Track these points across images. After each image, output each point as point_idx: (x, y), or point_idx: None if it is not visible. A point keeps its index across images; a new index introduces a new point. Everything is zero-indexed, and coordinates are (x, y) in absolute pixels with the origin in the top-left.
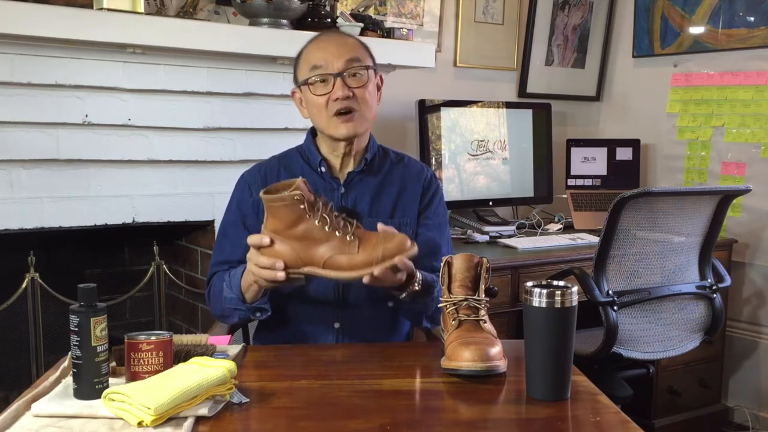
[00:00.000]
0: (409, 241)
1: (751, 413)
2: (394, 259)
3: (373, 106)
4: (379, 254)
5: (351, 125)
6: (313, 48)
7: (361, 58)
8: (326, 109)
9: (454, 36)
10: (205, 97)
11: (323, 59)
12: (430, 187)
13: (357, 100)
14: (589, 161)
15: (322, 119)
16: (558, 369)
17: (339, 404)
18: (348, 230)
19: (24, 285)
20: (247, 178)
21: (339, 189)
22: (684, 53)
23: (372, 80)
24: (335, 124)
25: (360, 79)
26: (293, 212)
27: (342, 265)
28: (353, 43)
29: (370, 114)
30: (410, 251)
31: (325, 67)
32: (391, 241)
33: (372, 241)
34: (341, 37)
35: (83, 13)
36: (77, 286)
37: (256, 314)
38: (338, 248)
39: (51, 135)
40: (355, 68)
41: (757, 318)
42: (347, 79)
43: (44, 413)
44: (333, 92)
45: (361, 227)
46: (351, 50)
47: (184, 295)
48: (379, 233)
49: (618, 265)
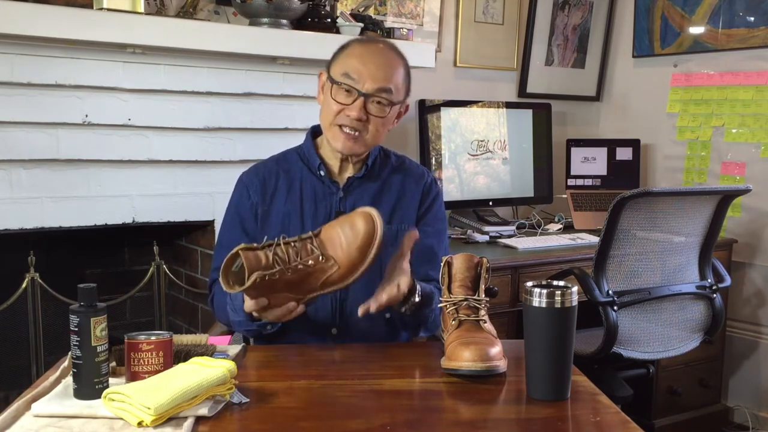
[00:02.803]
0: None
1: (751, 413)
2: (372, 249)
3: (380, 136)
4: (355, 254)
5: (350, 144)
6: (358, 54)
7: (394, 92)
8: (336, 115)
9: (454, 36)
10: (205, 97)
11: (358, 72)
12: (430, 192)
13: (367, 126)
14: (589, 161)
15: (329, 121)
16: (558, 369)
17: (339, 404)
18: (316, 251)
19: (24, 285)
20: (245, 180)
21: (338, 193)
22: (684, 53)
23: (391, 116)
24: (336, 135)
25: (381, 109)
26: (263, 286)
27: (335, 280)
28: (397, 69)
29: (373, 141)
30: (378, 228)
31: (355, 81)
32: (357, 235)
33: (340, 249)
34: (388, 58)
35: (83, 13)
36: (77, 286)
37: (267, 327)
38: (321, 272)
39: (51, 135)
40: (382, 98)
41: (757, 318)
42: (369, 105)
43: (44, 413)
44: (350, 108)
45: (319, 234)
46: (388, 78)
47: (184, 295)
48: (342, 233)
49: (618, 265)
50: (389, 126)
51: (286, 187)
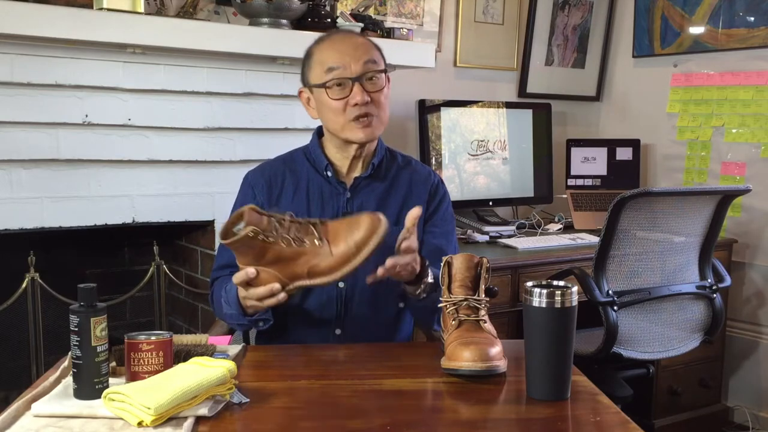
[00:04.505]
0: (377, 219)
1: (751, 413)
2: (370, 244)
3: (387, 109)
4: (352, 247)
5: (369, 130)
6: (327, 48)
7: (377, 61)
8: (344, 113)
9: (454, 36)
10: (205, 97)
11: (340, 61)
12: (437, 193)
13: (374, 105)
14: (589, 161)
15: (338, 123)
16: (558, 369)
17: (339, 404)
18: (314, 235)
19: (24, 285)
20: (251, 180)
21: (345, 194)
22: (684, 53)
23: (387, 84)
24: (353, 129)
25: (377, 83)
26: (254, 247)
27: (324, 270)
28: (368, 43)
29: (385, 117)
30: (380, 229)
31: (342, 70)
32: (359, 229)
33: (340, 236)
34: (355, 38)
35: (83, 13)
36: (77, 286)
37: (259, 324)
38: (313, 256)
39: (51, 135)
40: (373, 72)
41: (757, 318)
42: (365, 84)
43: (44, 413)
44: (351, 97)
45: (326, 224)
46: (366, 51)
47: (184, 295)
48: (347, 222)
49: (618, 265)
50: (389, 97)
51: (293, 187)
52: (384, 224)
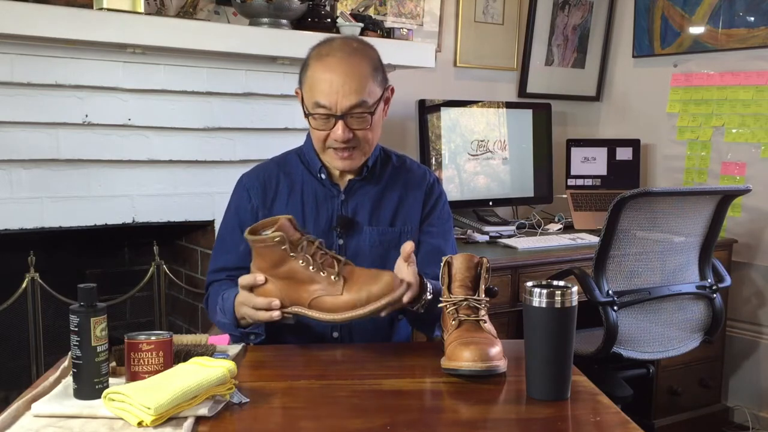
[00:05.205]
0: (398, 280)
1: (751, 413)
2: (380, 302)
3: (375, 138)
4: (363, 296)
5: (348, 162)
6: (322, 71)
7: (370, 98)
8: (323, 141)
9: (454, 36)
10: (205, 97)
11: (327, 99)
12: (433, 192)
13: (358, 140)
14: (589, 161)
15: (319, 147)
16: (558, 369)
17: (339, 404)
18: (334, 270)
19: (24, 285)
20: (246, 183)
21: (339, 196)
22: (684, 53)
23: (376, 119)
24: (332, 157)
25: (364, 121)
26: (275, 253)
27: (326, 306)
28: (363, 74)
29: (370, 147)
30: (397, 292)
31: (328, 108)
32: (378, 283)
33: (358, 282)
34: (351, 66)
35: (83, 13)
36: (77, 286)
37: (250, 338)
38: (323, 289)
39: (51, 135)
40: (359, 113)
41: (757, 318)
42: (350, 121)
43: (44, 413)
44: (333, 131)
45: (351, 264)
46: (359, 90)
47: (184, 295)
48: (369, 273)
49: (618, 265)
50: (380, 123)
51: (287, 190)
52: (401, 290)
